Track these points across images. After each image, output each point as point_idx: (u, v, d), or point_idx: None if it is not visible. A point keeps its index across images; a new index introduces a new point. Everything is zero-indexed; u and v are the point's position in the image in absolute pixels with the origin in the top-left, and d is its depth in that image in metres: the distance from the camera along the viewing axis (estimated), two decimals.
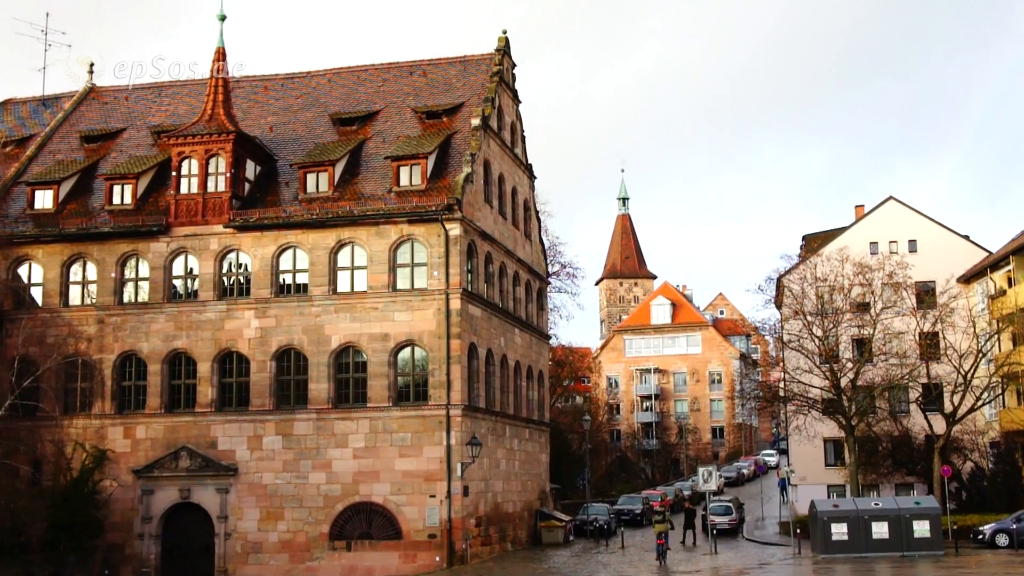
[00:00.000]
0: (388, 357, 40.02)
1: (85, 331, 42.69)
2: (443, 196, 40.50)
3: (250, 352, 41.22)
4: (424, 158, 41.84)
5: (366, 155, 44.41)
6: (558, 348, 77.06)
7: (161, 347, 42.05)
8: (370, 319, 40.33)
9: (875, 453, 54.42)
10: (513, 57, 49.40)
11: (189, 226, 42.40)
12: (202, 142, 42.55)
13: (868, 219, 61.48)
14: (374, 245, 40.74)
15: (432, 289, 39.98)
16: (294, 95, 49.74)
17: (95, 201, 45.19)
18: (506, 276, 46.44)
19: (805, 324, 51.22)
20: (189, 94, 51.16)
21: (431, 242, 40.29)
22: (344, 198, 41.85)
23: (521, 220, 49.79)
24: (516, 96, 50.02)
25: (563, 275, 68.04)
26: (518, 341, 47.67)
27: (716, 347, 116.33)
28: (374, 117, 46.88)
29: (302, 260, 41.57)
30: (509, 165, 48.06)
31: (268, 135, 46.79)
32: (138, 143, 48.60)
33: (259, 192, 43.51)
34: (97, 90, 53.93)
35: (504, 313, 45.66)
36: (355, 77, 50.08)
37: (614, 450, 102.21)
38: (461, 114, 45.63)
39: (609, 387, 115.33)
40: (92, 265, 43.52)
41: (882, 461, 54.67)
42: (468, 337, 40.60)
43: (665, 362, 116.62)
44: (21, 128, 52.50)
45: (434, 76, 48.87)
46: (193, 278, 42.56)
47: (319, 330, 40.72)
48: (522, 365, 48.10)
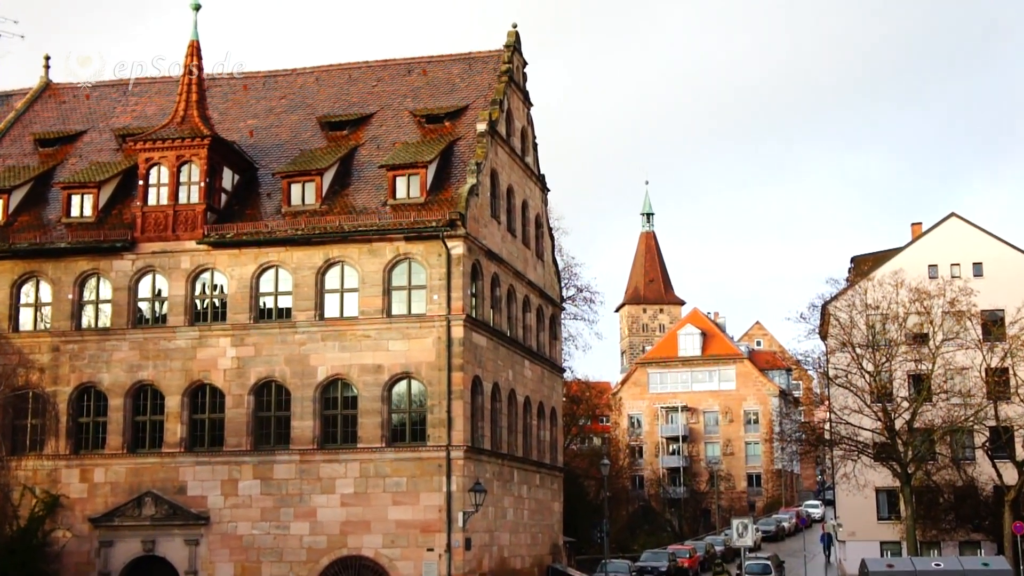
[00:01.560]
0: (381, 391, 40.31)
1: (37, 360, 43.01)
2: (444, 210, 40.89)
3: (225, 385, 41.55)
4: (423, 167, 42.25)
5: (358, 163, 44.85)
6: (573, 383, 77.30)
7: (124, 379, 42.38)
8: (361, 348, 40.66)
9: (935, 506, 54.54)
10: (524, 54, 49.87)
11: (157, 242, 42.79)
12: (173, 147, 42.98)
13: (927, 238, 61.80)
14: (366, 265, 41.12)
15: (432, 315, 40.30)
16: (277, 95, 50.25)
17: (50, 213, 45.62)
18: (515, 301, 46.80)
19: (854, 357, 51.47)
20: (159, 93, 51.62)
21: (431, 262, 40.65)
22: (333, 212, 42.25)
23: (532, 238, 50.18)
24: (527, 98, 50.50)
25: (579, 300, 68.48)
26: (528, 374, 47.97)
27: (752, 383, 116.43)
28: (367, 121, 47.36)
29: (285, 281, 41.93)
30: (519, 176, 48.50)
31: (248, 140, 47.26)
32: (100, 147, 49.08)
33: (237, 204, 43.94)
34: (54, 87, 54.35)
35: (512, 343, 45.98)
36: (346, 76, 50.56)
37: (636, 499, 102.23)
38: (465, 118, 46.08)
39: (631, 427, 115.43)
40: (46, 285, 43.89)
41: (943, 515, 54.76)
42: (472, 369, 40.92)
43: (694, 399, 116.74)
44: None
45: (435, 75, 49.36)
46: (161, 301, 42.93)
47: (304, 360, 41.05)
48: (532, 401, 48.38)
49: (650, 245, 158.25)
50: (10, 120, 51.99)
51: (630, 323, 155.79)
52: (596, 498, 72.14)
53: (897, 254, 61.47)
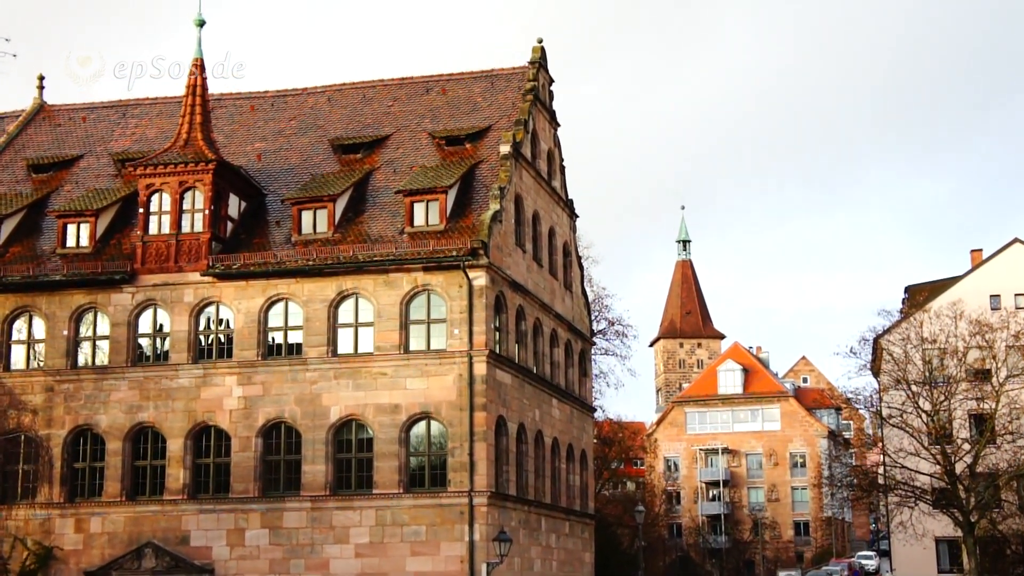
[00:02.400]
0: (399, 433, 40.34)
1: (30, 401, 43.21)
2: (466, 238, 41.00)
3: (231, 427, 41.65)
4: (443, 192, 42.41)
5: (373, 189, 45.06)
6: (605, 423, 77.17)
7: (123, 420, 42.51)
8: (377, 387, 40.72)
9: (1002, 558, 54.09)
10: (550, 71, 50.05)
11: (159, 274, 43.02)
12: (176, 172, 43.27)
13: (988, 266, 61.55)
14: (382, 297, 41.23)
15: (452, 351, 40.34)
16: (287, 116, 50.59)
17: (44, 243, 45.95)
18: (542, 335, 46.82)
19: (909, 396, 51.20)
20: (160, 114, 52.02)
21: (451, 294, 40.73)
22: (346, 240, 42.43)
23: (560, 267, 50.24)
24: (554, 118, 50.67)
25: (611, 334, 68.42)
26: (556, 414, 47.91)
27: (799, 423, 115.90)
28: (383, 143, 47.60)
29: (295, 315, 42.08)
30: (545, 201, 48.61)
31: (255, 164, 47.57)
32: (98, 173, 49.45)
33: (244, 233, 44.18)
34: (48, 109, 54.80)
35: (539, 380, 45.95)
36: (360, 95, 50.88)
37: (674, 548, 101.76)
38: (487, 140, 46.27)
39: (667, 471, 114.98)
40: (40, 321, 44.17)
41: (1011, 568, 54.29)
42: (496, 409, 40.90)
43: (736, 440, 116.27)
44: None
45: (455, 94, 49.62)
46: (163, 337, 43.12)
47: (315, 400, 41.12)
48: (561, 443, 48.29)
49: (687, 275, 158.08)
50: (1, 145, 52.29)
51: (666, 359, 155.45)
52: (630, 548, 71.83)
53: (955, 283, 61.24)
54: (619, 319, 69.34)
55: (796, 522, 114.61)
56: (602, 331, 67.28)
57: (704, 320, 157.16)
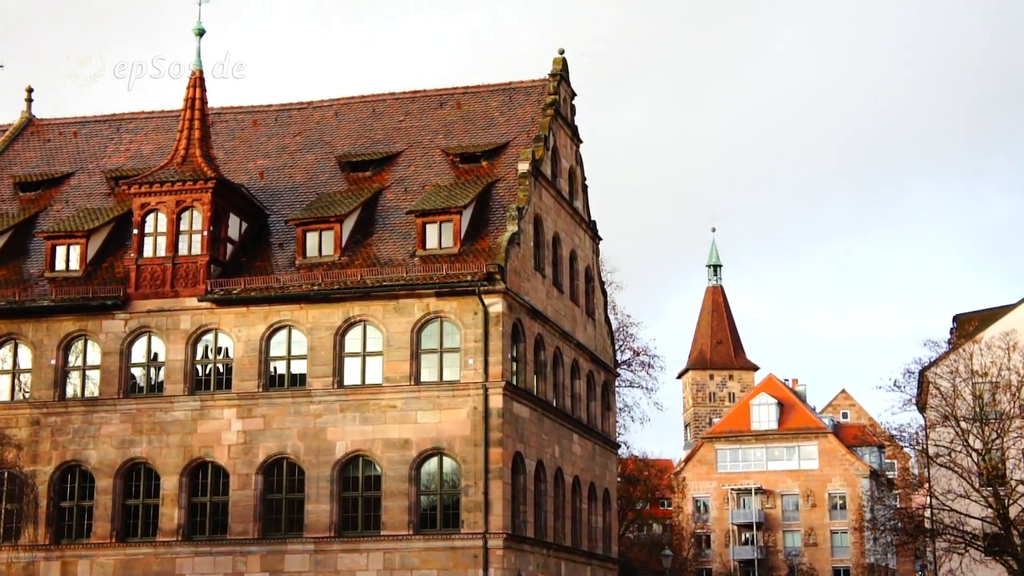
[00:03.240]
0: (409, 470, 40.35)
1: (14, 435, 43.30)
2: (481, 262, 41.10)
3: (230, 463, 41.71)
4: (457, 213, 42.54)
5: (383, 209, 45.22)
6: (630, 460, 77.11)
7: (114, 456, 42.61)
8: (386, 420, 40.77)
9: None
10: (572, 84, 50.20)
11: (154, 299, 43.19)
12: (172, 191, 43.47)
13: None
14: (392, 325, 41.31)
15: (466, 382, 40.40)
16: (291, 132, 50.82)
17: (32, 266, 46.18)
18: (562, 366, 46.82)
19: (958, 433, 50.92)
20: (156, 129, 52.29)
21: (465, 321, 40.80)
22: (354, 264, 42.57)
23: (582, 293, 50.28)
24: (576, 134, 50.80)
25: (636, 365, 68.34)
26: (577, 451, 47.84)
27: (838, 461, 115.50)
28: (393, 160, 47.79)
29: (299, 344, 42.20)
30: (566, 222, 48.68)
31: (258, 183, 47.79)
32: (89, 192, 49.70)
33: (245, 256, 44.35)
34: (37, 123, 55.11)
35: (559, 414, 45.93)
36: (369, 109, 51.11)
37: None
38: (505, 157, 46.41)
39: (696, 512, 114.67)
40: (25, 349, 44.36)
41: None
42: (512, 445, 40.89)
43: (770, 480, 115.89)
44: None
45: (470, 108, 49.82)
46: (158, 366, 43.27)
47: (320, 434, 41.16)
48: (582, 482, 48.22)
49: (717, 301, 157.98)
50: None
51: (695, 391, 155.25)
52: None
53: (1008, 312, 60.88)
54: (645, 349, 69.31)
55: (836, 568, 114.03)
56: (627, 362, 67.23)
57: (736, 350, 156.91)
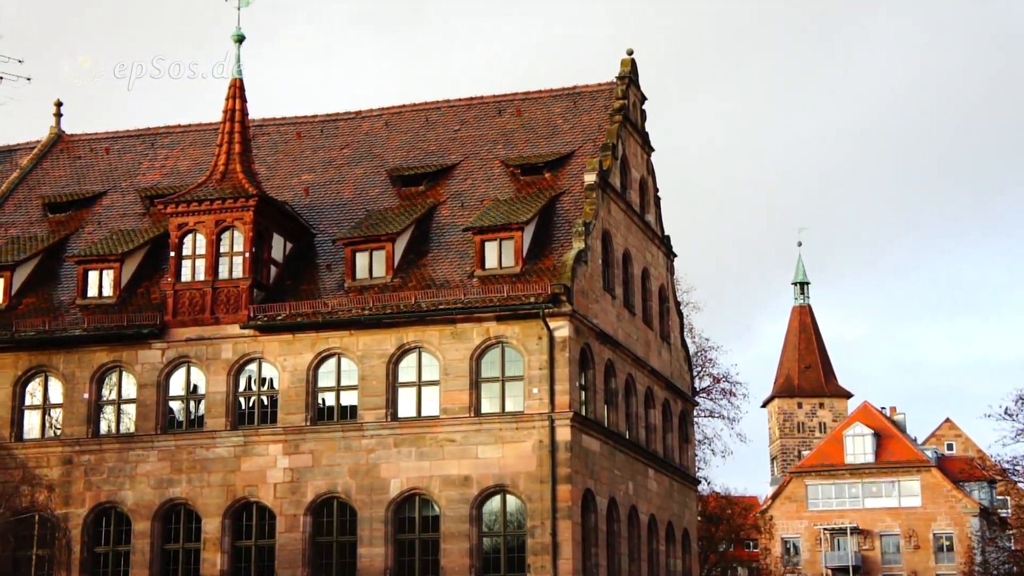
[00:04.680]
0: (470, 510, 40.49)
1: (45, 476, 43.85)
2: (545, 283, 41.23)
3: (276, 503, 42.03)
4: (518, 230, 42.76)
5: (438, 226, 45.54)
6: (711, 497, 76.89)
7: (152, 497, 43.03)
8: (444, 456, 40.96)
9: None
10: (642, 87, 50.35)
11: (193, 327, 43.64)
12: (212, 210, 43.96)
13: None
14: (449, 352, 41.55)
15: (531, 413, 40.51)
16: (338, 144, 51.31)
17: (62, 293, 46.80)
18: (635, 394, 46.91)
19: None
20: (194, 143, 52.97)
21: (529, 347, 40.96)
22: (408, 286, 42.85)
23: (655, 315, 50.36)
24: (647, 142, 50.93)
25: (716, 392, 68.29)
26: (653, 487, 47.90)
27: (943, 498, 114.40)
28: (449, 173, 48.12)
29: (349, 373, 42.49)
30: (637, 238, 48.82)
31: (303, 199, 48.29)
32: (123, 212, 50.32)
33: (290, 279, 44.79)
34: (67, 139, 55.87)
35: (633, 447, 46.02)
36: (422, 119, 51.48)
37: None
38: (569, 168, 46.60)
39: (786, 554, 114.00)
40: (57, 382, 44.92)
41: None
42: (582, 481, 41.00)
43: (867, 519, 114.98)
44: None
45: (532, 115, 50.09)
46: (198, 399, 43.73)
47: (373, 471, 41.39)
48: (659, 521, 48.25)
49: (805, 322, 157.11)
50: (14, 181, 53.25)
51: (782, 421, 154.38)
52: None
53: None
54: (726, 375, 69.26)
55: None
56: (706, 389, 67.18)
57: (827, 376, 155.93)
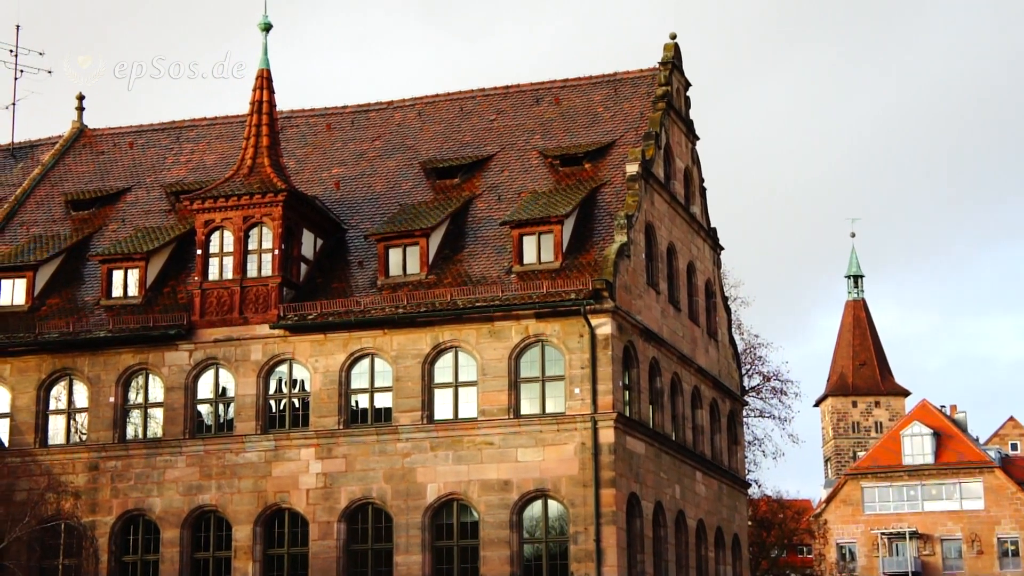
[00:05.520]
0: (510, 515, 40.53)
1: (71, 482, 44.16)
2: (586, 278, 41.24)
3: (309, 510, 42.18)
4: (558, 223, 42.78)
5: (474, 220, 45.64)
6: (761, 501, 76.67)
7: (181, 504, 43.29)
8: (482, 459, 41.03)
9: None
10: (686, 73, 50.28)
11: (221, 327, 43.89)
12: (239, 206, 44.19)
13: None
14: (487, 351, 41.65)
15: (572, 414, 40.54)
16: (370, 136, 51.44)
17: (86, 293, 47.12)
18: (681, 394, 46.86)
19: None
20: (220, 137, 53.25)
21: (570, 345, 40.99)
22: (443, 283, 42.96)
23: (702, 311, 50.32)
24: (691, 130, 50.86)
25: (766, 391, 68.06)
26: (701, 490, 47.86)
27: (1008, 500, 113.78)
28: (485, 165, 48.20)
29: (383, 374, 42.64)
30: (682, 231, 48.77)
31: (333, 194, 48.45)
32: (148, 208, 50.61)
33: (321, 277, 44.99)
34: (89, 134, 56.18)
35: (679, 449, 45.98)
36: (457, 108, 51.57)
37: None
38: (610, 158, 46.58)
39: (841, 560, 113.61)
40: (82, 386, 45.24)
41: None
42: (627, 485, 41.00)
43: (927, 523, 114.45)
44: None
45: (571, 104, 50.07)
46: (227, 402, 43.96)
47: (409, 476, 41.50)
48: (708, 526, 48.21)
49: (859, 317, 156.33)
50: (36, 177, 53.59)
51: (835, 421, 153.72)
52: None
53: None
54: (776, 373, 68.99)
55: None
56: (756, 388, 67.00)
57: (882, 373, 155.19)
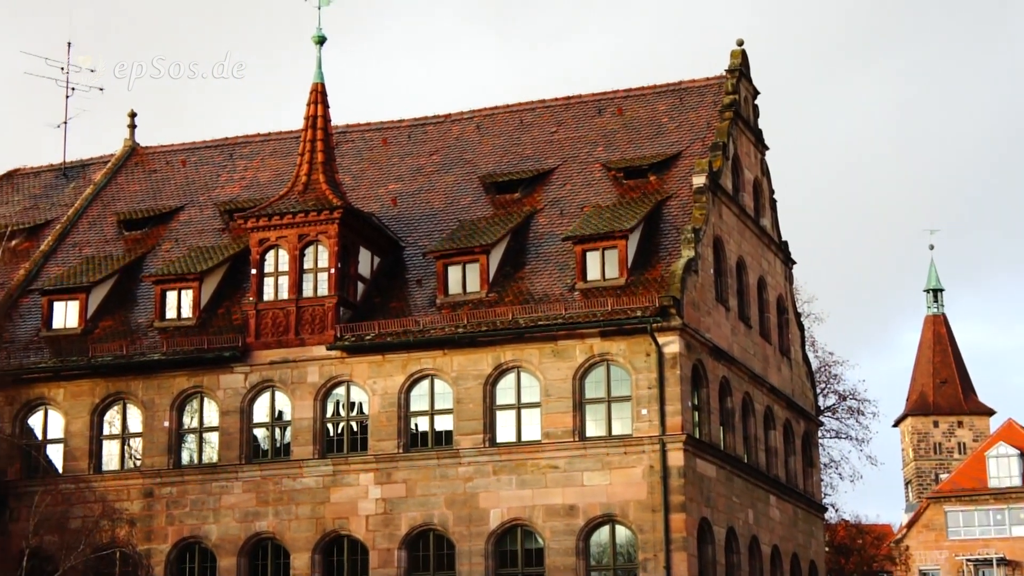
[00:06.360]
0: (576, 542, 40.44)
1: (126, 509, 44.48)
2: (652, 295, 41.13)
3: (368, 536, 42.25)
4: (622, 238, 42.74)
5: (535, 236, 45.68)
6: (840, 526, 76.21)
7: (237, 531, 43.51)
8: (547, 484, 40.99)
9: None
10: (754, 81, 50.19)
11: (277, 349, 44.10)
12: (294, 224, 44.41)
13: None
14: (550, 371, 41.64)
15: (640, 436, 40.45)
16: (427, 150, 51.61)
17: (139, 315, 47.51)
18: (753, 414, 46.70)
19: None
20: (274, 153, 53.61)
21: (636, 365, 40.93)
22: (504, 301, 43.00)
23: (774, 328, 50.15)
24: (760, 139, 50.73)
25: (842, 411, 67.66)
26: (775, 515, 47.64)
27: None
28: (546, 179, 48.24)
29: (444, 396, 42.72)
30: (752, 244, 48.64)
31: (390, 210, 48.63)
32: (201, 228, 51.02)
33: (378, 296, 45.15)
34: (141, 152, 56.80)
35: (752, 472, 45.82)
36: (516, 120, 51.67)
37: None
38: (676, 170, 46.50)
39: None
40: (136, 410, 45.60)
41: None
42: (698, 510, 40.86)
43: (1016, 548, 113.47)
44: (33, 211, 55.56)
45: (634, 114, 50.08)
46: (283, 426, 44.18)
47: (471, 501, 41.54)
48: (783, 553, 47.98)
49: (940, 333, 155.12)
50: (88, 197, 54.25)
51: (916, 442, 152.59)
52: None
53: None
54: (853, 392, 68.60)
55: None
56: (831, 408, 66.62)
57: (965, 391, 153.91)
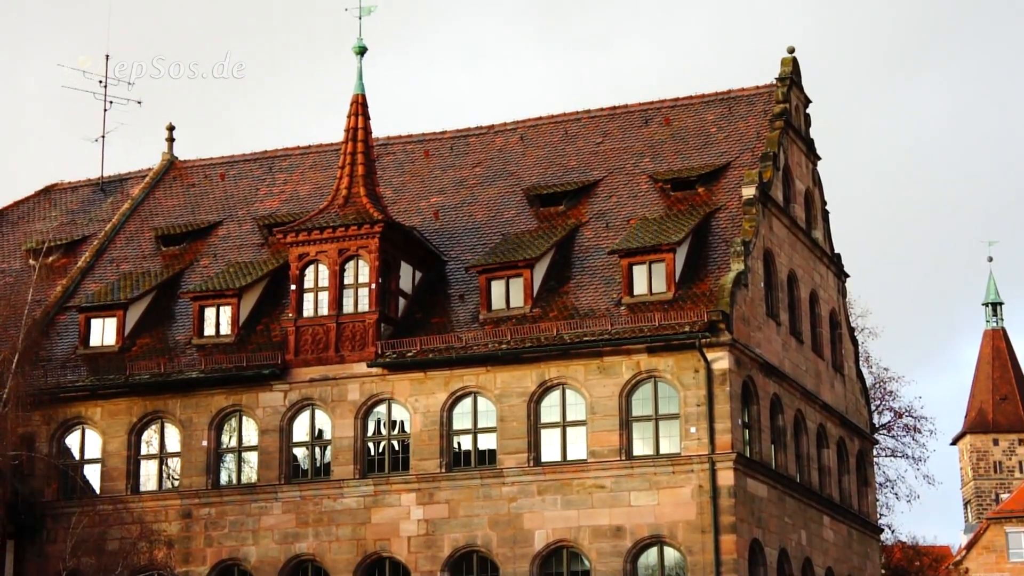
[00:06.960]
0: (623, 564, 40.35)
1: (164, 531, 44.55)
2: (701, 309, 41.04)
3: (410, 558, 42.21)
4: (670, 251, 42.66)
5: (580, 249, 45.61)
6: (896, 547, 75.73)
7: (276, 553, 43.53)
8: (593, 504, 40.89)
9: None
10: (805, 89, 49.96)
11: (317, 366, 44.14)
12: (334, 239, 44.50)
13: None
14: (596, 388, 41.54)
15: (688, 455, 40.35)
16: (470, 162, 51.69)
17: (177, 332, 47.72)
18: (805, 432, 46.47)
19: None
20: (314, 166, 53.76)
21: (684, 381, 40.82)
22: (548, 317, 42.94)
23: (826, 343, 49.89)
24: (812, 149, 50.51)
25: (898, 429, 67.29)
26: (829, 536, 47.37)
27: None
28: (591, 191, 48.17)
29: (487, 414, 42.69)
30: (804, 258, 48.43)
31: (432, 224, 48.68)
32: (240, 243, 51.16)
33: (420, 311, 45.17)
34: (179, 166, 57.08)
35: (805, 491, 45.58)
36: (561, 131, 51.64)
37: None
38: (725, 181, 46.38)
39: None
40: (174, 429, 45.75)
41: None
42: (749, 530, 40.70)
43: None
44: (70, 226, 55.87)
45: (682, 124, 49.99)
46: (323, 445, 44.20)
47: (515, 522, 41.45)
48: (837, 575, 47.69)
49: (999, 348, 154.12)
50: (125, 212, 54.51)
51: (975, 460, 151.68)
52: None
53: None
54: (909, 409, 68.21)
55: None
56: (886, 425, 66.28)
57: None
